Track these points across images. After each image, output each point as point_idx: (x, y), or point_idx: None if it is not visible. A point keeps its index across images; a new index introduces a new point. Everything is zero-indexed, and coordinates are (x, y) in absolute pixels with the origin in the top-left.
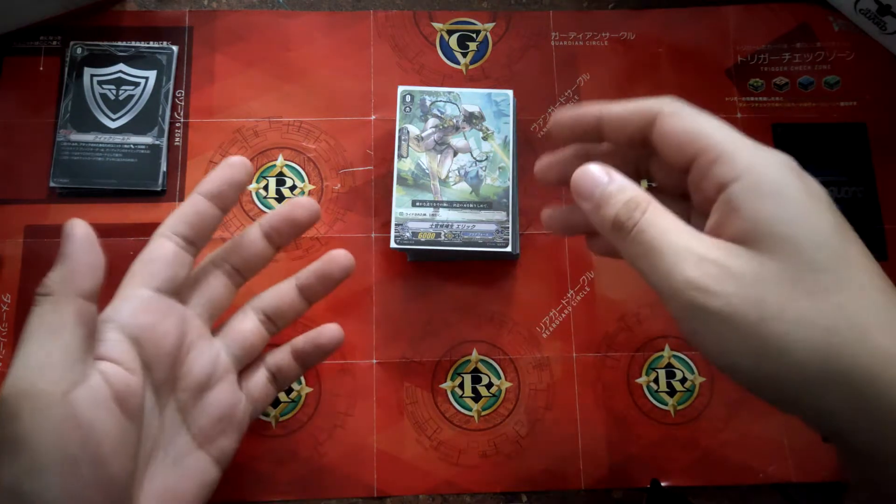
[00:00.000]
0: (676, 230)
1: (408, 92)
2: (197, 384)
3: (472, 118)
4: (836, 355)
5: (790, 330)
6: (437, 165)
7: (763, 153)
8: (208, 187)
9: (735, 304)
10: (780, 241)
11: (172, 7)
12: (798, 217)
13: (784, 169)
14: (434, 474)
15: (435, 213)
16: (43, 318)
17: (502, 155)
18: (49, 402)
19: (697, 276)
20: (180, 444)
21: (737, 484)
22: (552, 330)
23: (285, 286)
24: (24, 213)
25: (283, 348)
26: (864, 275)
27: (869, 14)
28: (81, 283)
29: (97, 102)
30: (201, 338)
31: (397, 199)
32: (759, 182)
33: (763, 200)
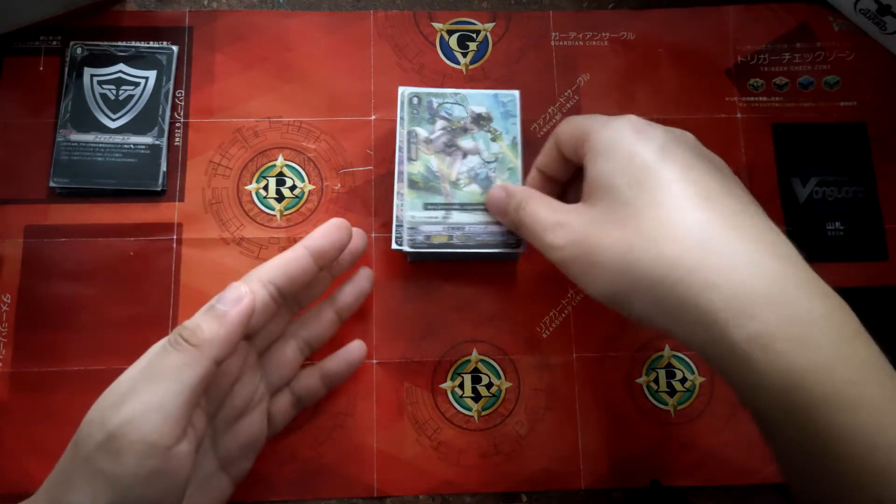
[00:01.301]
0: (545, 210)
1: (415, 94)
2: (236, 413)
3: (480, 119)
4: (634, 268)
5: (604, 257)
6: (446, 168)
7: (609, 123)
8: (313, 243)
9: (570, 250)
10: (602, 189)
11: (172, 7)
12: (617, 167)
13: (618, 130)
14: (434, 474)
15: (447, 215)
16: (177, 365)
17: (511, 156)
18: (153, 454)
19: (551, 239)
20: (207, 468)
21: (737, 484)
22: (552, 330)
23: (325, 312)
24: (24, 213)
25: (310, 371)
26: (667, 197)
27: (869, 14)
28: (223, 351)
29: (97, 102)
30: (250, 368)
31: (409, 202)
32: (596, 147)
33: (595, 160)
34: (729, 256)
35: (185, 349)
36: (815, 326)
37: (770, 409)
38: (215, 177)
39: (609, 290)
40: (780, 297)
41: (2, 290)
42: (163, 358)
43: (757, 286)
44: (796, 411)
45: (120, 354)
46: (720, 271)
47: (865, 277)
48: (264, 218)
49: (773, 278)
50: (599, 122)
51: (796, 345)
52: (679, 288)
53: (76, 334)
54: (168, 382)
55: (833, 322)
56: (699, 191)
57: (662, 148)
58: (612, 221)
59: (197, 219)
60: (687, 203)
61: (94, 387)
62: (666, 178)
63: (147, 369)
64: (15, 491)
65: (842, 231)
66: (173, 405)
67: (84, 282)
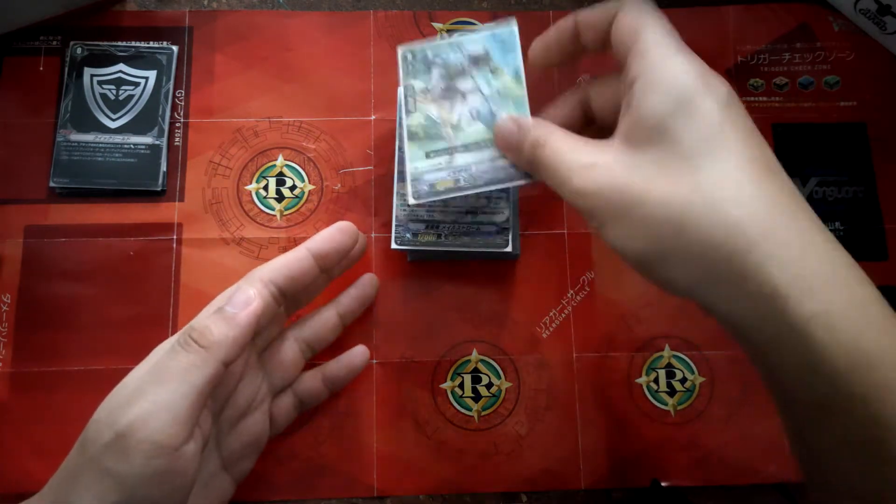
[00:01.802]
0: (569, 149)
1: (409, 50)
2: (239, 413)
3: (478, 60)
4: (688, 228)
5: (651, 211)
6: (447, 113)
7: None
8: (317, 246)
9: (605, 197)
10: (657, 131)
11: (172, 7)
12: (678, 111)
13: (685, 69)
14: (434, 474)
15: (451, 159)
16: (185, 366)
17: (514, 87)
18: (161, 454)
19: (579, 185)
20: (210, 467)
21: (737, 484)
22: (552, 330)
23: (327, 315)
24: (24, 213)
25: (313, 374)
26: (734, 160)
27: (869, 14)
28: (232, 353)
29: (97, 102)
30: (251, 368)
31: (411, 154)
32: (655, 78)
33: (651, 96)
34: (791, 231)
35: (195, 350)
36: (874, 310)
37: (825, 394)
38: (215, 177)
39: (648, 250)
40: (840, 278)
41: (2, 290)
42: (171, 358)
43: (819, 265)
44: (854, 396)
45: (120, 354)
46: (784, 245)
47: None
48: (264, 218)
49: (832, 260)
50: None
51: (861, 327)
52: (737, 256)
53: (76, 334)
54: (176, 383)
55: (885, 308)
56: (762, 160)
57: (728, 105)
58: (666, 172)
59: (197, 219)
60: (752, 169)
61: (94, 387)
62: (732, 138)
63: (155, 370)
64: (15, 491)
65: (842, 231)
66: (181, 406)
67: (84, 282)
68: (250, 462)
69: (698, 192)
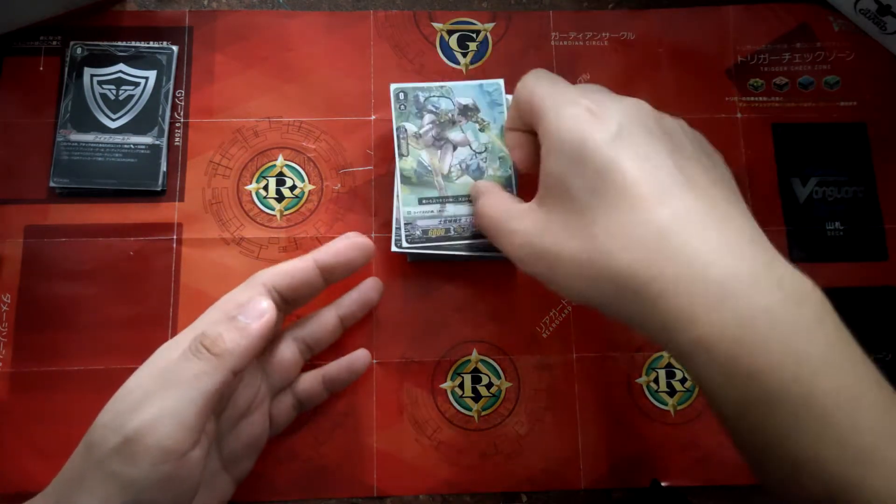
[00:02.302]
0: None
1: (400, 90)
2: (239, 414)
3: (467, 111)
4: (596, 280)
5: (566, 269)
6: (437, 161)
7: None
8: (324, 259)
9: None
10: (556, 191)
11: (172, 7)
12: (570, 168)
13: (572, 120)
14: (434, 474)
15: (442, 209)
16: (196, 373)
17: (500, 144)
18: (168, 459)
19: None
20: (211, 468)
21: (737, 484)
22: (552, 330)
23: (328, 317)
24: (24, 213)
25: (313, 375)
26: (623, 201)
27: (869, 14)
28: (242, 362)
29: (97, 102)
30: (251, 368)
31: (404, 198)
32: (548, 140)
33: (548, 159)
34: (679, 261)
35: (206, 358)
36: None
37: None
38: (215, 177)
39: (582, 296)
40: (732, 294)
41: (2, 290)
42: (182, 364)
43: (704, 288)
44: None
45: (120, 354)
46: (672, 278)
47: (865, 277)
48: (264, 218)
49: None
50: (551, 102)
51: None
52: (637, 297)
53: (76, 334)
54: (186, 389)
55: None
56: (652, 183)
57: (619, 135)
58: (569, 232)
59: (197, 219)
60: (637, 205)
61: (94, 387)
62: (621, 174)
63: (164, 375)
64: (15, 491)
65: (842, 231)
66: (189, 412)
67: (84, 282)
68: (250, 462)
69: (595, 245)
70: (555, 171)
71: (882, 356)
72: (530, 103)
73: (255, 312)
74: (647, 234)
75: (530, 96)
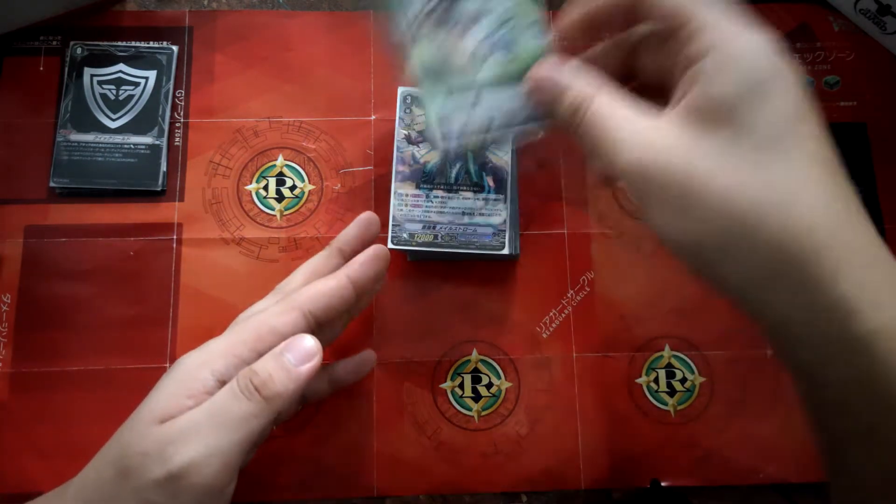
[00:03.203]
0: (618, 118)
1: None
2: None
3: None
4: (754, 226)
5: (713, 203)
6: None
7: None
8: (357, 275)
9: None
10: (727, 116)
11: (172, 7)
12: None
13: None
14: (434, 474)
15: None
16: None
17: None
18: (208, 495)
19: (630, 164)
20: None
21: (737, 484)
22: (552, 330)
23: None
24: (24, 213)
25: (319, 373)
26: (812, 158)
27: (869, 14)
28: (287, 405)
29: (97, 102)
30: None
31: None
32: (727, 57)
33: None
34: (860, 241)
35: (256, 400)
36: None
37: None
38: (215, 177)
39: (706, 243)
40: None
41: (2, 290)
42: (232, 404)
43: (884, 278)
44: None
45: (120, 354)
46: (851, 253)
47: None
48: (264, 218)
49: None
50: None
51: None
52: (805, 261)
53: (76, 334)
54: (235, 431)
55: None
56: (832, 163)
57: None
58: (734, 164)
59: (197, 219)
60: (824, 172)
61: (94, 387)
62: (806, 135)
63: (213, 411)
64: (15, 491)
65: None
66: (234, 452)
67: (84, 282)
68: (250, 456)
69: (769, 189)
70: (731, 92)
71: None
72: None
73: (303, 354)
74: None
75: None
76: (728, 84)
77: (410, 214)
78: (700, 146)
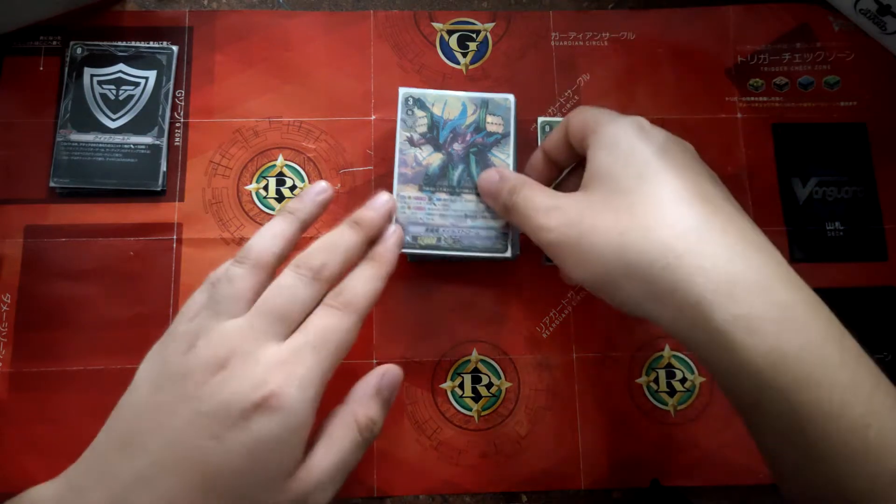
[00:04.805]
0: (540, 196)
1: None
2: None
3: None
4: (626, 251)
5: (597, 239)
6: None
7: (616, 119)
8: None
9: (563, 231)
10: (602, 177)
11: (172, 7)
12: (618, 158)
13: (624, 127)
14: (434, 474)
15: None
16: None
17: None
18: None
19: (543, 221)
20: None
21: (737, 484)
22: (552, 330)
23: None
24: (24, 213)
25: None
26: (664, 190)
27: (869, 14)
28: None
29: (97, 102)
30: None
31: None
32: (602, 139)
33: (598, 151)
34: (718, 246)
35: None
36: (797, 311)
37: (751, 392)
38: (215, 177)
39: (599, 273)
40: (763, 284)
41: (2, 290)
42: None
43: (743, 274)
44: (779, 391)
45: (120, 354)
46: (709, 258)
47: (865, 277)
48: (264, 218)
49: (758, 269)
50: (607, 117)
51: (781, 326)
52: (668, 271)
53: (76, 334)
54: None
55: (812, 309)
56: (694, 190)
57: (663, 148)
58: (609, 208)
59: (197, 219)
60: (682, 196)
61: (94, 387)
62: (664, 173)
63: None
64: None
65: (842, 231)
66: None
67: (84, 282)
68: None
69: (634, 218)
70: (605, 163)
71: (882, 356)
72: (584, 118)
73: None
74: (687, 217)
75: (584, 114)
76: (602, 158)
77: (414, 217)
78: (587, 203)
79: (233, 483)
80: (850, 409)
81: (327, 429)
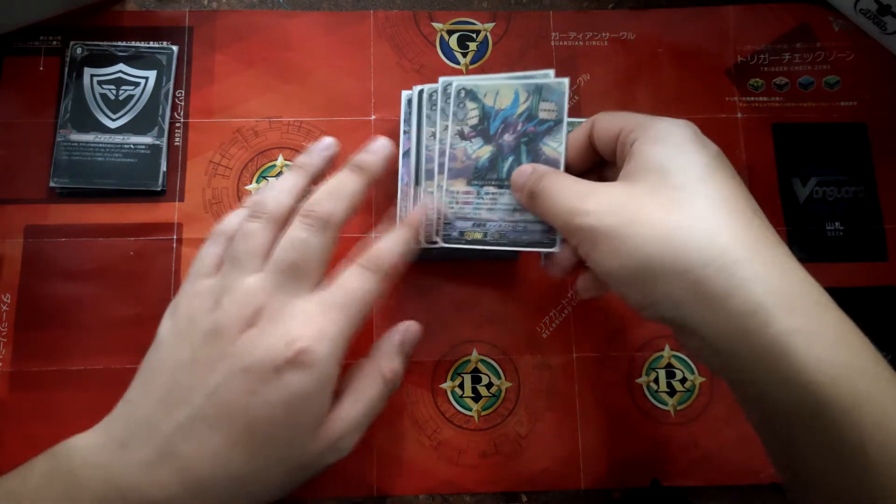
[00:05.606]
0: (572, 181)
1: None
2: None
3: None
4: (676, 247)
5: (642, 230)
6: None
7: (668, 121)
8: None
9: (601, 217)
10: (653, 170)
11: (172, 7)
12: (673, 155)
13: (677, 128)
14: (434, 474)
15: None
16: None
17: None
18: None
19: (578, 205)
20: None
21: (737, 484)
22: (552, 330)
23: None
24: (24, 213)
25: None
26: (717, 194)
27: (869, 14)
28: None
29: (97, 102)
30: None
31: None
32: (656, 135)
33: (653, 146)
34: (774, 258)
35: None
36: (845, 328)
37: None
38: (215, 177)
39: (637, 266)
40: (814, 300)
41: (2, 290)
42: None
43: (798, 288)
44: (836, 406)
45: (120, 354)
46: (767, 267)
47: (865, 277)
48: None
49: (805, 284)
50: (655, 117)
51: (838, 343)
52: (724, 273)
53: (76, 334)
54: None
55: (854, 327)
56: (746, 204)
57: (719, 157)
58: (657, 201)
59: (197, 219)
60: (738, 206)
61: (94, 386)
62: (722, 180)
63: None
64: None
65: (842, 231)
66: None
67: (84, 282)
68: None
69: (687, 216)
70: (659, 157)
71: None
72: (619, 120)
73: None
74: (742, 226)
75: (618, 117)
76: (654, 151)
77: (462, 212)
78: (631, 191)
79: (270, 433)
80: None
81: (354, 381)
